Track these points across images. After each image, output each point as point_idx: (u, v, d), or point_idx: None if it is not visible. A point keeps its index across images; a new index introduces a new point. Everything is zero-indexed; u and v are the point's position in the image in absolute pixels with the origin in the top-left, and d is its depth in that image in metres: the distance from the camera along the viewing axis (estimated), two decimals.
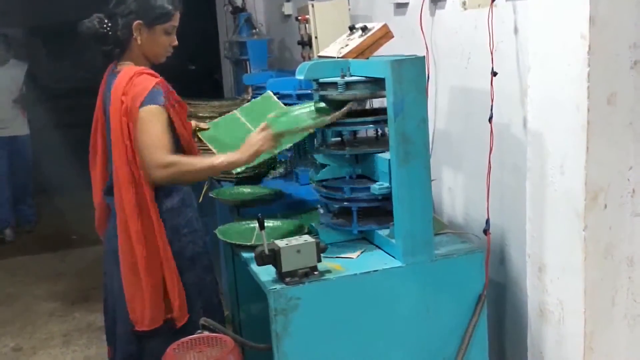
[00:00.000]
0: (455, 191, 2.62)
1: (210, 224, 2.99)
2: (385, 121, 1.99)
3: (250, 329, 2.72)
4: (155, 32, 2.24)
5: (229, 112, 3.62)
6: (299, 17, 3.39)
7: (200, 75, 5.70)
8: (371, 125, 2.14)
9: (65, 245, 5.19)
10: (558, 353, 2.04)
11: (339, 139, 2.24)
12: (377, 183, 2.04)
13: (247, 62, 4.43)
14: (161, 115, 2.16)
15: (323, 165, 2.18)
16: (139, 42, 2.23)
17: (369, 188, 2.05)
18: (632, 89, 1.83)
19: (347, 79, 2.07)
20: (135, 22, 2.22)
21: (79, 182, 5.87)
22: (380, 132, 2.22)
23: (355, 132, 2.22)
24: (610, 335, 1.97)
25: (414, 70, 1.89)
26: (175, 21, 2.29)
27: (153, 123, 2.14)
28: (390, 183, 1.98)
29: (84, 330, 3.70)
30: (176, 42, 2.32)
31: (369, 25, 2.26)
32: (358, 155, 2.16)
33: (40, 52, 8.12)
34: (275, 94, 3.22)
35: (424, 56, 1.95)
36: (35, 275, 4.70)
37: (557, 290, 2.02)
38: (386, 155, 2.03)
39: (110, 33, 2.23)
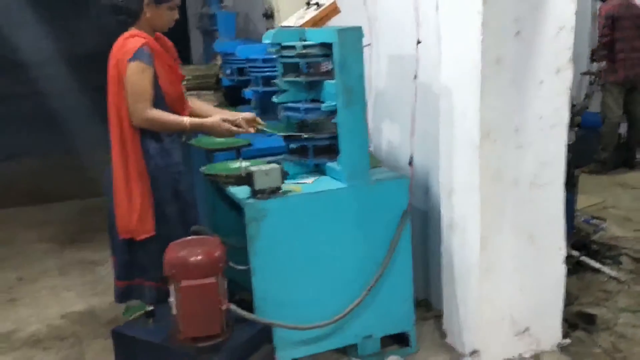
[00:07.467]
0: (390, 137, 3.24)
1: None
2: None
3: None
4: (161, 9, 2.73)
5: (204, 75, 4.13)
6: None
7: None
8: (321, 59, 2.66)
9: (45, 199, 5.61)
10: (462, 253, 2.68)
11: (297, 74, 2.75)
12: (326, 102, 2.59)
13: (217, 33, 4.92)
14: (146, 72, 2.65)
15: (285, 91, 2.74)
16: (148, 15, 2.72)
17: (319, 107, 2.61)
18: (515, 53, 2.45)
19: (304, 42, 2.65)
20: (146, 0, 2.70)
21: (57, 144, 6.39)
22: (330, 66, 2.69)
23: (310, 65, 2.77)
24: (499, 240, 2.60)
25: (354, 36, 2.49)
26: (179, 0, 2.80)
27: (138, 77, 2.63)
28: (336, 103, 2.52)
29: (76, 264, 4.13)
30: (177, 16, 2.81)
31: (321, 1, 2.83)
32: (312, 82, 2.70)
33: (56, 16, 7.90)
34: (244, 59, 3.75)
35: (361, 26, 2.53)
36: (22, 225, 5.12)
37: (461, 207, 2.65)
38: (334, 81, 2.54)
39: (124, 6, 2.74)
